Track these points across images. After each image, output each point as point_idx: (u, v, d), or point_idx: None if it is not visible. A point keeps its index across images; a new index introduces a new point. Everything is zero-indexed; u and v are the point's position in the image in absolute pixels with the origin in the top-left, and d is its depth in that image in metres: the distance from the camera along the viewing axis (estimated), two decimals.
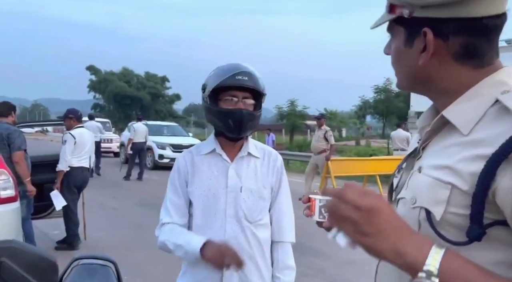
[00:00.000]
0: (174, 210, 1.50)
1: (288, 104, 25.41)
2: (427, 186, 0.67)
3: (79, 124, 4.96)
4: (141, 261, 4.12)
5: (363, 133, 31.17)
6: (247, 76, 1.40)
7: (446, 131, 0.71)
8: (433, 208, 0.65)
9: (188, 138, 14.12)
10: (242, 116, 1.40)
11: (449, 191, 0.63)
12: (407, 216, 0.69)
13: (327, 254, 4.62)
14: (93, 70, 42.18)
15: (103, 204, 7.19)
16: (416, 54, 0.71)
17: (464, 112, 0.68)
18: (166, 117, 39.77)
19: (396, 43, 0.76)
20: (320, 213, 0.81)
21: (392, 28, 0.76)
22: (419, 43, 0.70)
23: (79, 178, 4.82)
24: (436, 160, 0.69)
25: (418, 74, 0.74)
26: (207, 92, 1.44)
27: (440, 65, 0.70)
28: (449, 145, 0.68)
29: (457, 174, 0.63)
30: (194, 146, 1.60)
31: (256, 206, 1.47)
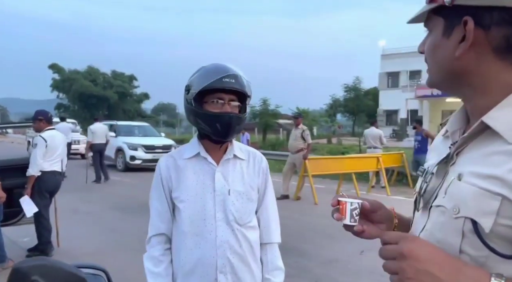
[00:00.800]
0: (159, 219, 1.49)
1: (261, 103, 25.53)
2: (473, 196, 0.64)
3: (49, 126, 4.74)
4: (121, 266, 3.97)
5: (334, 132, 31.83)
6: (233, 79, 1.38)
7: (485, 137, 0.68)
8: (481, 219, 0.62)
9: (160, 138, 13.87)
10: (230, 120, 1.39)
11: (499, 202, 0.60)
12: (448, 225, 0.67)
13: (311, 253, 4.65)
14: (56, 68, 40.71)
15: (76, 208, 6.91)
16: (454, 45, 0.69)
17: (507, 119, 0.65)
18: (134, 117, 39.01)
19: (432, 36, 0.74)
20: (351, 216, 0.79)
21: (429, 21, 0.74)
22: (458, 33, 0.68)
23: (51, 183, 4.61)
24: (478, 168, 0.66)
25: (453, 68, 0.70)
26: (192, 94, 1.41)
27: (478, 58, 0.67)
28: (491, 152, 0.65)
29: (507, 185, 0.60)
30: (175, 150, 1.58)
31: (245, 208, 1.47)
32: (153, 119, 46.39)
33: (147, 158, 12.13)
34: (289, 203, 7.65)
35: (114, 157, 12.86)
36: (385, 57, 32.24)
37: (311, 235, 5.44)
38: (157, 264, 1.45)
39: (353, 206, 0.79)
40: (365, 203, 0.84)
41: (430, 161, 0.84)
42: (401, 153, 10.35)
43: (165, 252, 1.48)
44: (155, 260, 1.46)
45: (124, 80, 43.30)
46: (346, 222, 0.79)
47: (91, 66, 42.98)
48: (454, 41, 0.69)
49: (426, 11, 0.73)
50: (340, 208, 0.80)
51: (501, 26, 0.64)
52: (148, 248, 1.49)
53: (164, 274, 1.44)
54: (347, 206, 0.79)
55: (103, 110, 40.33)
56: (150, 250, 1.48)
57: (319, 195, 7.67)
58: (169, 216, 1.48)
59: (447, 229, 0.64)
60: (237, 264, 1.43)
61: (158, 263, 1.45)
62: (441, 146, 0.83)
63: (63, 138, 4.92)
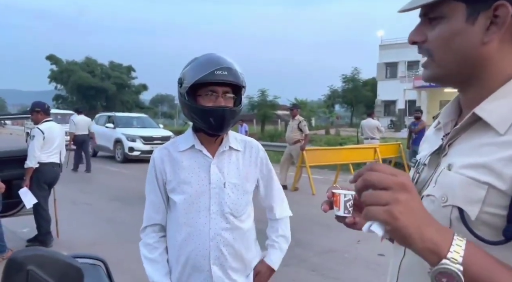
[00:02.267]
0: (153, 210, 1.50)
1: (259, 95, 25.45)
2: (460, 184, 0.65)
3: (47, 118, 4.72)
4: (119, 257, 4.02)
5: (332, 123, 31.77)
6: (226, 71, 1.35)
7: (476, 128, 0.70)
8: (468, 207, 0.64)
9: (159, 130, 13.83)
10: (223, 114, 1.37)
11: (486, 191, 0.62)
12: (436, 214, 0.68)
13: (308, 243, 4.70)
14: (53, 60, 40.40)
15: (75, 199, 6.93)
16: (480, 31, 0.66)
17: (498, 111, 0.66)
18: (132, 108, 38.85)
19: (448, 23, 0.69)
20: (345, 207, 0.80)
21: (438, 7, 0.69)
22: (484, 19, 0.66)
23: (49, 174, 4.62)
24: (469, 158, 0.67)
25: (475, 55, 0.68)
26: (185, 88, 1.38)
27: (500, 45, 0.67)
28: (482, 143, 0.67)
29: (495, 174, 0.62)
30: (169, 142, 1.56)
31: (241, 200, 1.47)
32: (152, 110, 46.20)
33: (146, 149, 12.12)
34: (287, 193, 7.57)
35: (113, 148, 12.85)
36: (383, 47, 32.06)
37: (309, 225, 5.48)
38: (152, 251, 1.48)
39: (346, 198, 0.79)
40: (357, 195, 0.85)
41: (423, 152, 0.85)
42: (398, 143, 10.37)
43: (159, 239, 1.50)
44: (150, 247, 1.48)
45: (122, 71, 43.03)
46: (339, 213, 0.80)
47: (89, 58, 42.66)
48: (480, 27, 0.66)
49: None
50: (334, 200, 0.81)
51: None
52: (143, 236, 1.51)
53: (160, 259, 1.47)
54: (341, 197, 0.80)
55: (101, 102, 40.16)
56: (145, 238, 1.50)
57: (316, 186, 7.71)
58: (164, 207, 1.50)
59: (436, 217, 0.65)
60: (230, 256, 1.44)
61: (153, 250, 1.48)
62: (433, 138, 0.84)
63: (61, 130, 4.92)
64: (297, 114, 8.04)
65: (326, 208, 0.81)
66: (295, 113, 8.04)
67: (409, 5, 0.73)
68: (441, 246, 0.58)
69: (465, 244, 0.58)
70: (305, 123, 7.98)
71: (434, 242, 0.58)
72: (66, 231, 4.93)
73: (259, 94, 25.57)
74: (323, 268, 4.01)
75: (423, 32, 0.73)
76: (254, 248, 1.56)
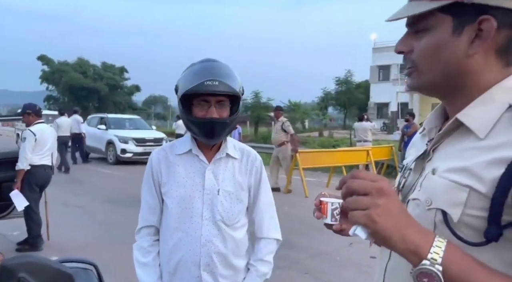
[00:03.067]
0: (149, 211, 1.50)
1: (253, 96, 25.47)
2: (443, 188, 0.67)
3: (38, 119, 4.69)
4: (111, 260, 3.99)
5: (326, 125, 31.90)
6: (217, 81, 1.32)
7: (459, 134, 0.72)
8: (450, 210, 0.66)
9: (151, 131, 13.77)
10: (213, 126, 1.36)
11: (467, 193, 0.64)
12: (421, 217, 0.70)
13: (301, 246, 4.71)
14: (45, 60, 40.04)
15: (67, 202, 6.88)
16: (465, 44, 0.68)
17: (479, 116, 0.69)
18: (125, 110, 38.65)
19: (434, 34, 0.70)
20: (332, 215, 0.81)
21: (425, 19, 0.71)
22: (469, 32, 0.68)
23: (41, 177, 4.58)
24: (451, 162, 0.69)
25: (461, 67, 0.70)
26: (179, 96, 1.39)
27: (484, 57, 0.69)
28: (465, 148, 0.69)
29: (475, 177, 0.64)
30: (168, 144, 1.56)
31: (234, 208, 1.45)
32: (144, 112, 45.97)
33: (138, 151, 12.07)
34: (280, 196, 7.70)
35: (105, 150, 12.77)
36: (376, 50, 32.28)
37: (301, 227, 5.50)
38: (146, 255, 1.47)
39: (333, 206, 0.81)
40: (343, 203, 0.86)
41: (409, 157, 0.87)
42: (391, 146, 10.45)
43: (154, 242, 1.49)
44: (144, 250, 1.48)
45: (115, 72, 42.78)
46: (327, 221, 0.81)
47: (81, 58, 42.36)
48: (465, 40, 0.68)
49: (435, 8, 0.69)
50: (322, 208, 0.82)
51: (506, 28, 0.67)
52: (137, 238, 1.51)
53: (152, 264, 1.46)
54: (328, 206, 0.81)
55: (94, 103, 39.88)
56: (139, 241, 1.50)
57: (309, 188, 7.73)
58: (159, 209, 1.49)
59: (421, 220, 0.67)
60: (221, 264, 1.43)
61: (146, 254, 1.47)
62: (419, 143, 0.86)
63: (53, 132, 4.88)
64: (280, 115, 8.04)
65: (319, 215, 0.82)
66: (278, 115, 8.05)
67: (397, 15, 0.74)
68: (422, 247, 0.60)
69: (445, 245, 0.60)
70: (288, 123, 7.97)
71: (414, 243, 0.60)
72: (57, 234, 4.89)
73: (252, 96, 25.60)
74: (315, 271, 4.02)
75: (409, 43, 0.74)
76: (245, 256, 1.53)
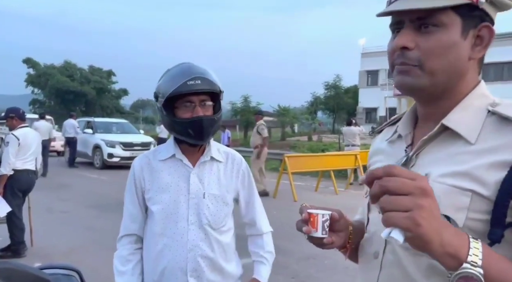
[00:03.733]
0: (131, 220, 1.48)
1: (242, 101, 25.51)
2: (444, 193, 0.67)
3: (22, 123, 4.61)
4: (96, 266, 3.93)
5: (315, 129, 32.07)
6: (199, 80, 1.35)
7: (443, 139, 0.73)
8: (455, 215, 0.65)
9: (139, 135, 13.68)
10: (202, 124, 1.36)
11: (470, 198, 0.65)
12: None
13: (289, 250, 4.70)
14: (30, 63, 39.52)
15: (51, 207, 6.77)
16: (469, 46, 0.71)
17: (464, 122, 0.70)
18: (113, 113, 38.34)
19: (446, 34, 0.69)
20: (323, 228, 0.76)
21: (435, 16, 0.68)
22: (472, 36, 0.70)
23: (24, 182, 4.50)
24: (446, 167, 0.69)
25: (461, 68, 0.71)
26: (161, 101, 1.38)
27: (474, 63, 0.73)
28: (455, 152, 0.70)
29: (477, 181, 0.65)
30: (151, 150, 1.55)
31: (220, 211, 1.45)
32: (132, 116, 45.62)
33: (125, 156, 11.96)
34: (269, 200, 7.69)
35: (92, 154, 12.63)
36: (365, 55, 32.68)
37: (289, 231, 5.48)
38: (125, 263, 1.45)
39: (324, 218, 0.76)
40: (334, 214, 0.81)
41: (380, 164, 0.84)
42: None
43: (134, 251, 1.47)
44: (123, 259, 1.45)
45: (102, 75, 42.43)
46: (317, 234, 0.75)
47: (68, 61, 41.93)
48: (469, 43, 0.70)
49: (451, 5, 0.67)
50: (311, 221, 0.76)
51: (492, 38, 0.71)
52: (118, 246, 1.49)
53: (130, 273, 1.44)
54: (319, 218, 0.75)
55: (80, 106, 39.46)
56: (120, 249, 1.48)
57: (298, 192, 7.75)
58: (142, 217, 1.47)
59: None
60: (208, 268, 1.41)
61: (125, 262, 1.45)
62: (389, 149, 0.85)
63: (37, 136, 4.80)
64: (260, 119, 8.29)
65: (309, 230, 0.77)
66: (258, 118, 8.33)
67: (403, 5, 0.69)
68: (460, 250, 0.57)
69: (481, 246, 0.58)
70: (263, 127, 8.15)
71: (453, 247, 0.57)
72: (41, 240, 4.79)
73: (242, 101, 25.64)
74: (303, 275, 4.02)
75: (414, 38, 0.70)
76: (234, 260, 1.53)
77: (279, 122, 27.59)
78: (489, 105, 0.71)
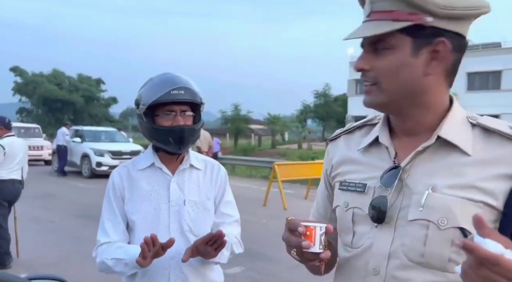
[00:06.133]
0: (112, 228, 1.42)
1: (232, 109, 25.51)
2: (457, 206, 0.68)
3: (8, 133, 4.54)
4: (83, 276, 3.87)
5: (305, 137, 32.19)
6: (183, 90, 1.36)
7: (435, 150, 0.74)
8: (469, 227, 0.65)
9: (128, 144, 13.54)
10: (182, 133, 1.37)
11: (482, 209, 0.67)
12: (435, 237, 0.69)
13: (278, 258, 4.68)
14: (18, 71, 39.07)
15: (37, 217, 6.63)
16: (423, 64, 0.72)
17: (458, 134, 0.72)
18: (101, 122, 37.93)
19: (395, 54, 0.73)
20: (320, 242, 0.72)
21: (385, 39, 0.72)
22: (426, 53, 0.71)
23: (9, 191, 4.41)
24: (450, 179, 0.70)
25: (416, 86, 0.73)
26: (142, 109, 1.39)
27: (436, 78, 0.74)
28: (453, 164, 0.71)
29: (486, 192, 0.67)
30: (130, 161, 1.54)
31: (201, 218, 1.45)
32: (122, 124, 45.20)
33: (114, 164, 11.77)
34: (258, 208, 7.68)
35: (80, 163, 12.45)
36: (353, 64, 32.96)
37: (279, 239, 5.44)
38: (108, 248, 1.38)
39: (322, 231, 0.71)
40: (329, 226, 0.75)
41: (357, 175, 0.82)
42: None
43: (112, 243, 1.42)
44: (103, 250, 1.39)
45: (91, 84, 42.10)
46: (315, 249, 0.70)
47: (56, 70, 41.54)
48: (422, 60, 0.72)
49: (395, 29, 0.71)
50: (307, 235, 0.71)
51: (455, 51, 0.72)
52: (95, 254, 1.42)
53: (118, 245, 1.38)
54: (317, 231, 0.71)
55: (69, 115, 38.99)
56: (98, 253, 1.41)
57: (288, 200, 7.74)
58: (121, 227, 1.43)
59: (435, 241, 0.68)
60: (191, 275, 1.40)
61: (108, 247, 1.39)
62: (366, 159, 0.82)
63: (24, 145, 4.73)
64: None
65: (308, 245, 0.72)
66: None
67: (356, 34, 0.75)
68: None
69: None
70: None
71: None
72: (27, 250, 4.70)
73: (232, 109, 25.64)
74: None
75: (369, 61, 0.76)
76: (216, 267, 1.51)
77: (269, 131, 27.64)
78: (468, 118, 0.74)
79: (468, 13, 0.71)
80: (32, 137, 15.22)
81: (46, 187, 9.76)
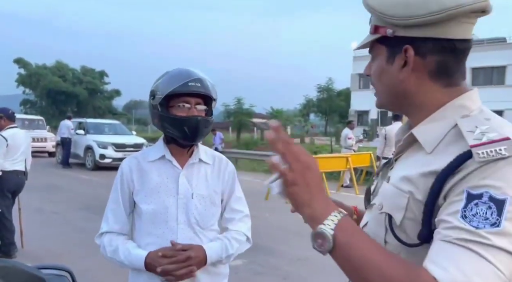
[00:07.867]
0: (113, 218, 1.48)
1: (235, 102, 25.47)
2: (391, 194, 0.76)
3: (11, 124, 4.56)
4: (88, 268, 3.91)
5: (307, 131, 32.17)
6: (199, 83, 1.41)
7: (415, 147, 0.79)
8: (395, 214, 0.74)
9: (131, 136, 13.61)
10: (197, 123, 1.41)
11: (407, 199, 0.72)
12: (376, 220, 0.80)
13: (280, 252, 4.73)
14: (22, 63, 39.14)
15: (42, 208, 6.71)
16: (397, 70, 0.79)
17: (429, 132, 0.76)
18: (105, 114, 38.08)
19: (378, 62, 0.83)
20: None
21: (373, 48, 0.84)
22: (399, 60, 0.78)
23: (13, 183, 4.46)
24: (402, 172, 0.77)
25: (397, 90, 0.81)
26: (158, 99, 1.42)
27: (417, 81, 0.79)
28: (415, 160, 0.77)
29: (414, 185, 0.72)
30: (140, 152, 1.58)
31: (208, 211, 1.48)
32: (125, 116, 45.31)
33: (118, 157, 11.88)
34: (261, 202, 7.71)
35: (83, 156, 12.53)
36: (356, 59, 32.84)
37: (281, 233, 5.52)
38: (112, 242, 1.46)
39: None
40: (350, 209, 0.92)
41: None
42: (369, 153, 10.63)
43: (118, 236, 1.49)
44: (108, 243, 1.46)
45: (95, 76, 42.17)
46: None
47: (60, 62, 41.61)
48: (397, 67, 0.79)
49: (370, 41, 0.82)
50: None
51: (434, 54, 0.76)
52: (99, 242, 1.49)
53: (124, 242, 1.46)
54: None
55: (72, 107, 39.12)
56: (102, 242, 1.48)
57: None
58: (124, 218, 1.48)
59: (377, 222, 0.78)
60: None
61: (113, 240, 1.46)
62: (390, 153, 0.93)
63: (26, 137, 4.76)
64: None
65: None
66: None
67: (359, 44, 0.87)
68: (321, 216, 0.70)
69: (340, 219, 0.69)
70: None
71: (317, 211, 0.70)
72: (32, 241, 4.76)
73: (235, 102, 25.60)
74: (294, 276, 4.03)
75: (369, 67, 0.87)
76: (220, 266, 1.53)
77: None
78: (461, 117, 0.74)
79: (439, 17, 0.72)
80: (36, 129, 15.33)
81: (50, 179, 9.84)
